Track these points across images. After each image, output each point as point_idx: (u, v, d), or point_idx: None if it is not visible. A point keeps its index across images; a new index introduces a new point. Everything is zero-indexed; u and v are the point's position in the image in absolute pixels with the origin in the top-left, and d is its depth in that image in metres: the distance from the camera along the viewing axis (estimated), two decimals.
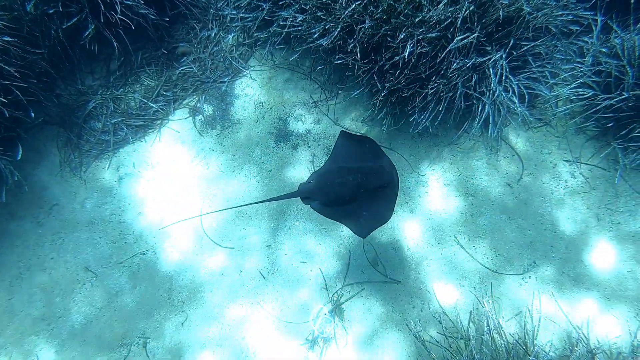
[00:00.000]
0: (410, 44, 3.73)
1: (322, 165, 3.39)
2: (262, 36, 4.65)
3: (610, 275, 4.33)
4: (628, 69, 4.37)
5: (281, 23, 4.35)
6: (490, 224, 4.48)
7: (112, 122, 4.65)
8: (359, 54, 3.98)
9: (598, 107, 4.49)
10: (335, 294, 4.26)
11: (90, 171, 4.62)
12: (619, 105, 4.41)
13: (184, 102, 4.83)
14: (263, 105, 4.86)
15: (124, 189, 4.58)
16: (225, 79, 4.90)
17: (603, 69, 4.55)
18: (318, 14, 4.04)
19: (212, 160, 4.68)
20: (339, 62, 4.14)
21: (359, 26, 3.82)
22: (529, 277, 4.33)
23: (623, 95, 4.35)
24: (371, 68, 4.04)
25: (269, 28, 4.53)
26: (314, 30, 4.06)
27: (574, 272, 4.34)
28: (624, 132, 4.49)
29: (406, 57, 3.75)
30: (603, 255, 4.38)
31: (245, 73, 4.93)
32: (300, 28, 4.21)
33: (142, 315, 4.24)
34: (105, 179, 4.61)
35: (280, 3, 4.32)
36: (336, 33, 3.99)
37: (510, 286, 4.30)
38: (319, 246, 4.44)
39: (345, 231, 4.46)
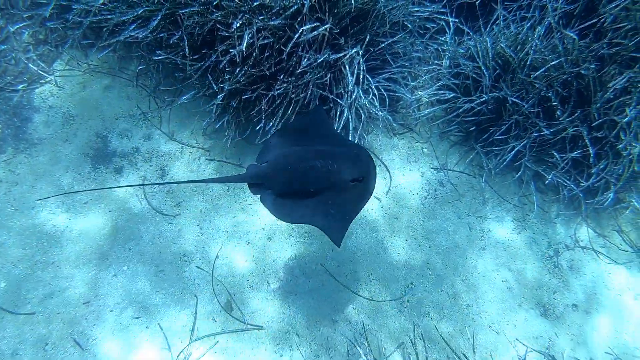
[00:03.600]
0: (248, 34, 3.02)
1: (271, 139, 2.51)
2: (56, 26, 3.58)
3: (487, 287, 4.01)
4: (484, 70, 4.18)
5: (80, 9, 3.35)
6: (360, 245, 3.91)
7: None
8: (187, 48, 3.17)
9: (459, 111, 4.26)
10: (182, 354, 3.32)
11: None
12: (479, 108, 4.21)
13: None
14: (74, 119, 3.79)
15: None
16: (19, 87, 3.73)
17: (461, 71, 4.34)
18: None
19: None
20: (160, 58, 3.28)
21: (183, 11, 3.01)
22: (407, 300, 3.83)
23: (483, 97, 4.15)
24: (204, 65, 3.24)
25: (66, 15, 3.48)
26: (125, 19, 3.16)
27: (452, 290, 3.94)
28: (485, 135, 4.30)
29: (244, 49, 3.03)
30: (478, 267, 4.06)
31: (48, 79, 3.82)
32: (110, 17, 3.27)
33: None
34: None
35: None
36: (156, 22, 3.13)
37: (388, 314, 3.75)
38: (156, 294, 3.46)
39: (189, 272, 3.54)
